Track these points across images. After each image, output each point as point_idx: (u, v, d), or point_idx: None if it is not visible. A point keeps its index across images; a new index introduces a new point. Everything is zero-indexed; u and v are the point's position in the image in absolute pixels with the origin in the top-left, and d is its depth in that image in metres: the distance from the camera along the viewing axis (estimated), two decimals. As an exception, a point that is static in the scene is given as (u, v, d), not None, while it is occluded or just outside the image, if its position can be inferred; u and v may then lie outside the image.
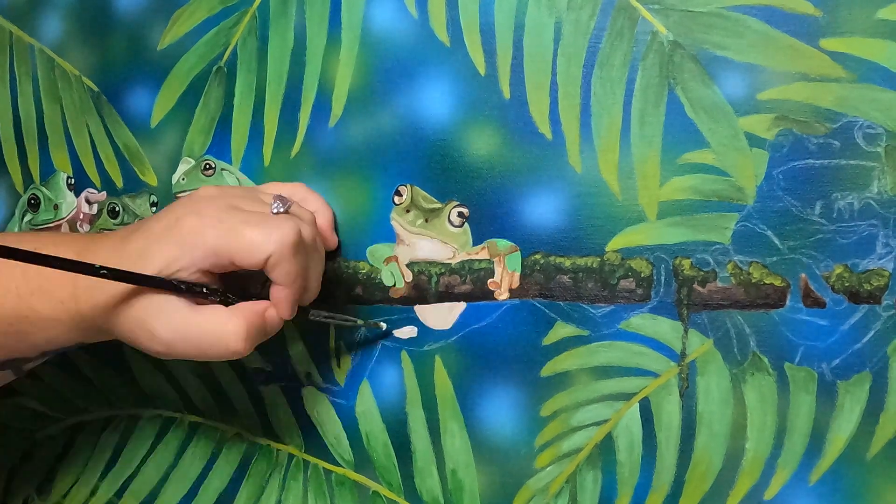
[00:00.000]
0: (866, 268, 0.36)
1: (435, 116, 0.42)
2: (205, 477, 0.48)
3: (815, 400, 0.37)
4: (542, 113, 0.40)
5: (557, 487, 0.41)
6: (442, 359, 0.42)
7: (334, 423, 0.45)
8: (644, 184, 0.39)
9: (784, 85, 0.37)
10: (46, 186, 0.52)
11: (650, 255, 0.39)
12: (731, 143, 0.38)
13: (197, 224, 0.36)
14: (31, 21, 0.53)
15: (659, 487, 0.39)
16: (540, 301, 0.41)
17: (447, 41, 0.42)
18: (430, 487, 0.43)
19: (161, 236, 0.36)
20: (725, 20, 0.37)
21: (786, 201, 0.37)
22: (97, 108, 0.51)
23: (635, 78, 0.39)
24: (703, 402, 0.38)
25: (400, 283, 0.43)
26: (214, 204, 0.37)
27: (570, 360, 0.40)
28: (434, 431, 0.43)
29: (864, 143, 0.36)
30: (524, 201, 0.41)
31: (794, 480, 0.37)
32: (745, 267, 0.37)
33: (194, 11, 0.48)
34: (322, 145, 0.45)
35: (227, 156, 0.47)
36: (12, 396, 0.53)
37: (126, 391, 0.50)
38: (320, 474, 0.46)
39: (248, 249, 0.35)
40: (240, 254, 0.35)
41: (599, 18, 0.39)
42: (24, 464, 0.53)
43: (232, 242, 0.35)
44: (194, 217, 0.36)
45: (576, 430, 0.40)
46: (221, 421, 0.48)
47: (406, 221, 0.43)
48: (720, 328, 0.38)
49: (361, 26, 0.44)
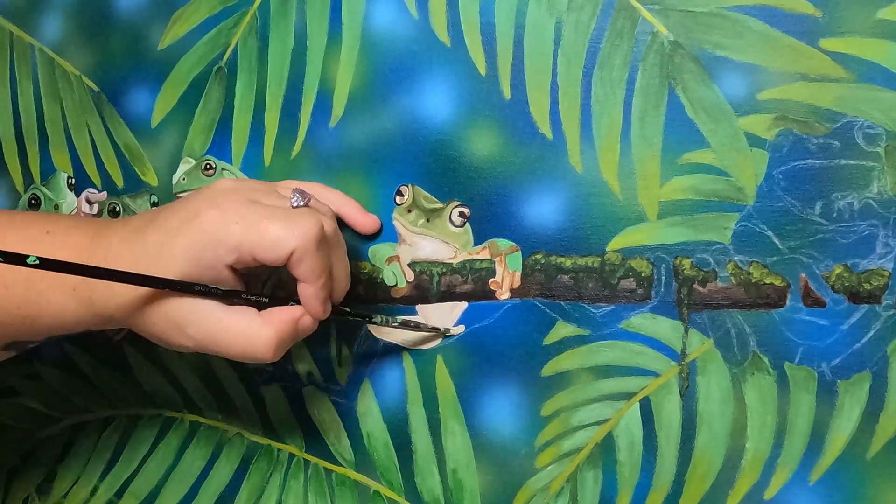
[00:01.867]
0: (866, 268, 0.36)
1: (435, 117, 0.42)
2: (205, 477, 0.48)
3: (815, 400, 0.37)
4: (543, 113, 0.41)
5: (558, 487, 0.41)
6: (443, 358, 0.43)
7: (335, 422, 0.45)
8: (644, 184, 0.39)
9: (784, 85, 0.37)
10: (47, 186, 0.52)
11: (651, 255, 0.39)
12: (731, 143, 0.38)
13: (219, 219, 0.34)
14: (32, 21, 0.53)
15: (659, 487, 0.39)
16: (541, 301, 0.41)
17: (448, 41, 0.42)
18: (430, 487, 0.43)
19: (180, 231, 0.35)
20: (725, 20, 0.37)
21: (786, 201, 0.37)
22: (98, 108, 0.51)
23: (635, 78, 0.39)
24: (704, 402, 0.38)
25: (402, 283, 0.43)
26: (233, 198, 0.35)
27: (570, 360, 0.40)
28: (435, 431, 0.43)
29: (864, 143, 0.36)
30: (525, 201, 0.41)
31: (794, 480, 0.37)
32: (746, 267, 0.37)
33: (195, 11, 0.48)
34: (323, 145, 0.45)
35: (227, 156, 0.47)
36: (12, 396, 0.53)
37: (126, 391, 0.50)
38: (321, 474, 0.46)
39: (272, 244, 0.34)
40: (263, 249, 0.34)
41: (600, 19, 0.39)
42: (24, 464, 0.53)
43: (255, 238, 0.34)
44: (215, 211, 0.35)
45: (576, 429, 0.40)
46: (222, 420, 0.48)
47: (407, 221, 0.43)
48: (720, 328, 0.38)
49: (362, 26, 0.44)
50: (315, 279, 0.36)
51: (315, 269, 0.35)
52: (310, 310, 0.37)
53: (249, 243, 0.34)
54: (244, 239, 0.34)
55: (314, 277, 0.36)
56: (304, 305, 0.37)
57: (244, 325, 0.35)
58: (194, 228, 0.34)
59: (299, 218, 0.35)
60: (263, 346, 0.35)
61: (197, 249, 0.34)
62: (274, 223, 0.34)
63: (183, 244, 0.34)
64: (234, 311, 0.36)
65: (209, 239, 0.34)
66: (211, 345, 0.36)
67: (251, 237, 0.34)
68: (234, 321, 0.35)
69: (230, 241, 0.34)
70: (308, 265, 0.35)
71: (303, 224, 0.35)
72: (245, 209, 0.35)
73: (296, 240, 0.34)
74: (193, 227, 0.34)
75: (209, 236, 0.34)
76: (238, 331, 0.35)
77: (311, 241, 0.35)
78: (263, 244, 0.34)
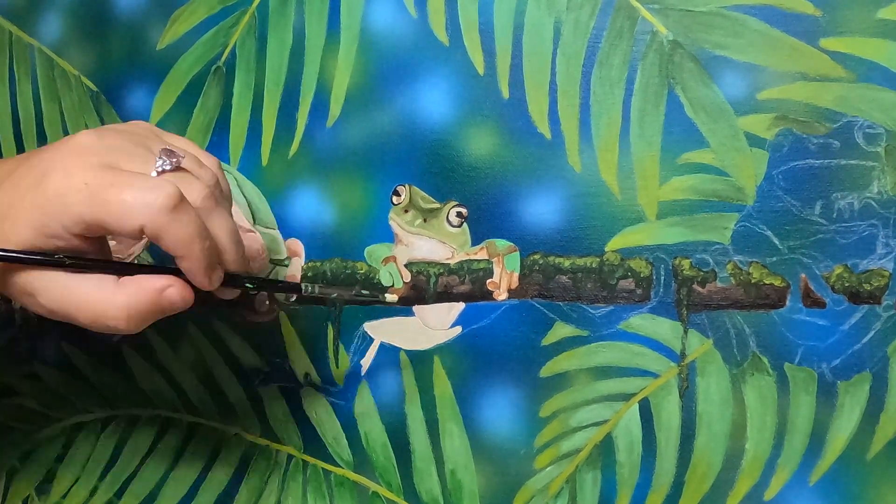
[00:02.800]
0: (866, 268, 0.36)
1: (434, 116, 0.42)
2: (204, 477, 0.48)
3: (815, 400, 0.37)
4: (542, 113, 0.40)
5: (557, 488, 0.41)
6: (441, 359, 0.42)
7: (333, 423, 0.45)
8: (643, 184, 0.39)
9: (784, 85, 0.37)
10: (45, 186, 0.52)
11: (650, 256, 0.39)
12: (730, 142, 0.37)
13: (63, 185, 0.31)
14: (31, 21, 0.53)
15: (658, 488, 0.39)
16: (539, 301, 0.41)
17: (446, 41, 0.42)
18: (429, 488, 0.43)
19: (26, 195, 0.31)
20: (725, 20, 0.37)
21: (786, 201, 0.37)
22: (96, 108, 0.51)
23: (635, 78, 0.39)
24: (703, 403, 0.38)
25: (398, 284, 0.43)
26: (86, 160, 0.31)
27: (569, 361, 0.40)
28: (433, 432, 0.43)
29: (864, 143, 0.36)
30: (523, 201, 0.41)
31: (794, 481, 0.37)
32: (745, 267, 0.37)
33: (193, 11, 0.48)
34: (320, 145, 0.45)
35: (225, 155, 0.47)
36: (12, 396, 0.53)
37: (125, 391, 0.50)
38: (319, 475, 0.46)
39: (118, 218, 0.31)
40: (111, 223, 0.31)
41: (599, 18, 0.39)
42: (24, 464, 0.53)
43: (98, 210, 0.31)
44: (61, 176, 0.31)
45: (575, 430, 0.40)
46: (220, 421, 0.48)
47: (404, 221, 0.43)
48: (720, 328, 0.38)
49: (360, 26, 0.44)
50: (183, 252, 0.32)
51: (178, 240, 0.32)
52: (194, 282, 0.33)
53: (92, 215, 0.31)
54: (86, 210, 0.31)
55: (182, 250, 0.32)
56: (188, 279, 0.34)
57: (95, 291, 0.32)
58: (39, 194, 0.31)
59: (150, 187, 0.31)
60: (114, 313, 0.32)
61: (40, 217, 0.31)
62: (121, 193, 0.31)
63: (27, 209, 0.31)
64: (84, 278, 0.32)
65: (52, 207, 0.31)
66: (62, 313, 0.33)
67: (94, 209, 0.31)
68: (83, 289, 0.32)
69: (73, 211, 0.31)
70: (168, 238, 0.31)
71: (152, 194, 0.31)
72: (93, 174, 0.31)
73: (143, 214, 0.30)
74: (38, 192, 0.31)
75: (51, 204, 0.31)
76: (88, 298, 0.32)
77: (162, 212, 0.31)
78: (109, 217, 0.31)
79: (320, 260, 0.45)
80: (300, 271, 0.45)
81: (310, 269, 0.45)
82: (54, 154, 0.32)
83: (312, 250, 0.45)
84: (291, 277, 0.45)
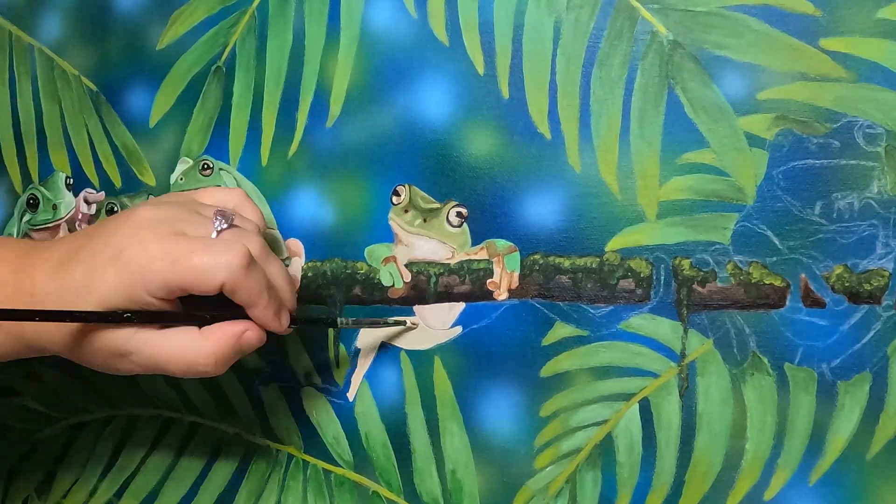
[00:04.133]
0: (866, 268, 0.36)
1: (433, 116, 0.42)
2: (204, 477, 0.48)
3: (815, 400, 0.37)
4: (542, 113, 0.40)
5: (557, 488, 0.41)
6: (441, 359, 0.42)
7: (333, 423, 0.45)
8: (643, 184, 0.39)
9: (784, 85, 0.37)
10: (45, 186, 0.52)
11: (650, 255, 0.39)
12: (730, 142, 0.37)
13: (143, 257, 0.34)
14: (31, 21, 0.53)
15: (659, 488, 0.39)
16: (539, 301, 0.41)
17: (446, 41, 0.42)
18: (429, 488, 0.43)
19: (107, 268, 0.35)
20: (725, 20, 0.37)
21: (786, 201, 0.37)
22: (96, 108, 0.51)
23: (635, 78, 0.39)
24: (703, 403, 0.38)
25: (399, 284, 0.43)
26: (157, 231, 0.35)
27: (569, 361, 0.40)
28: (433, 432, 0.43)
29: (864, 143, 0.36)
30: (523, 201, 0.41)
31: (794, 481, 0.37)
32: (745, 267, 0.37)
33: (193, 11, 0.48)
34: (320, 145, 0.45)
35: (225, 156, 0.47)
36: (12, 396, 0.53)
37: (125, 391, 0.50)
38: (320, 474, 0.46)
39: (201, 280, 0.34)
40: (192, 285, 0.34)
41: (599, 18, 0.39)
42: (24, 464, 0.53)
43: (180, 276, 0.34)
44: (139, 249, 0.34)
45: (575, 430, 0.40)
46: (221, 421, 0.48)
47: (404, 221, 0.43)
48: (720, 328, 0.38)
49: (360, 26, 0.44)
50: (256, 301, 0.36)
51: (252, 292, 0.35)
52: (266, 328, 0.37)
53: (176, 281, 0.34)
54: (170, 277, 0.34)
55: (254, 301, 0.36)
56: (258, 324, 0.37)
57: (183, 345, 0.36)
58: (120, 267, 0.34)
59: (224, 248, 0.35)
60: (203, 363, 0.36)
61: (125, 288, 0.34)
62: (199, 257, 0.34)
63: (111, 281, 0.34)
64: (172, 333, 0.36)
65: (135, 278, 0.34)
66: (154, 367, 0.36)
67: (177, 275, 0.34)
68: (172, 343, 0.36)
69: (156, 279, 0.34)
70: (244, 292, 0.35)
71: (228, 255, 0.34)
72: (169, 244, 0.35)
73: (223, 272, 0.34)
74: (119, 266, 0.34)
75: (135, 276, 0.34)
76: (177, 352, 0.36)
77: (239, 269, 0.35)
78: (191, 280, 0.34)
79: (320, 260, 0.45)
80: (300, 271, 0.45)
81: (310, 269, 0.45)
82: (123, 231, 0.35)
83: (312, 250, 0.45)
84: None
